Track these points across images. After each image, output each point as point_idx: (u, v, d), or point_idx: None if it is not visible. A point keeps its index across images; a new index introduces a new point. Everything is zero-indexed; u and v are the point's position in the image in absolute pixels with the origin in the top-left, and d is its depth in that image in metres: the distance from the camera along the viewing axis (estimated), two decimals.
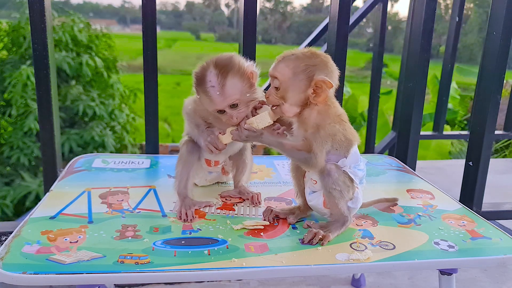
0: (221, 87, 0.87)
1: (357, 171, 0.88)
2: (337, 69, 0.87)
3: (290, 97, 0.84)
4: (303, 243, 0.83)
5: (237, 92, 0.88)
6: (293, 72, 0.83)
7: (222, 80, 0.87)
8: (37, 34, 1.24)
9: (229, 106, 0.89)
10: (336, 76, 0.86)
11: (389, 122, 4.32)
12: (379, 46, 2.17)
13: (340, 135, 0.86)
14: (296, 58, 0.83)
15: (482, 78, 1.42)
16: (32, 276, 0.68)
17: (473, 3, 17.20)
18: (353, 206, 0.89)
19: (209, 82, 0.87)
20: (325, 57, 0.85)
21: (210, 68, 0.88)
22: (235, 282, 1.30)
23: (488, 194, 1.51)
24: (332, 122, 0.85)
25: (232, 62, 0.89)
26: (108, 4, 37.48)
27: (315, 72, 0.82)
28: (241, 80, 0.89)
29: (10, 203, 4.83)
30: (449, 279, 0.87)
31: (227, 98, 0.88)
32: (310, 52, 0.84)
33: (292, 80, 0.83)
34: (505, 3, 1.33)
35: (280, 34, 32.09)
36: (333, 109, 0.86)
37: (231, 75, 0.87)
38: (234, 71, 0.88)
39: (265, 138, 0.87)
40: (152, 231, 0.85)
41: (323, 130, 0.84)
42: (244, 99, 0.90)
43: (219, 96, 0.87)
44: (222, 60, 0.89)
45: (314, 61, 0.83)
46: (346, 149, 0.87)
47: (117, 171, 1.16)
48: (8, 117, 5.31)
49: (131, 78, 6.98)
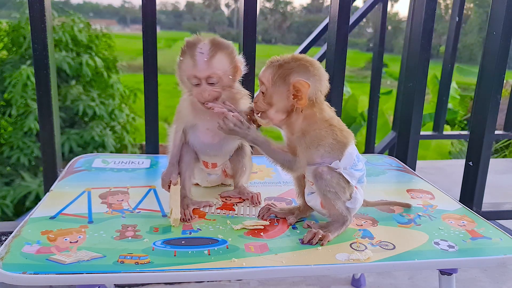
0: (209, 56, 0.88)
1: (353, 171, 0.88)
2: (324, 73, 0.86)
3: (275, 103, 0.84)
4: (303, 243, 0.83)
5: (221, 68, 0.90)
6: (274, 78, 0.83)
7: (212, 52, 0.88)
8: (37, 34, 1.24)
9: (207, 79, 0.89)
10: (322, 79, 0.85)
11: (389, 122, 4.32)
12: (379, 46, 2.17)
13: (329, 139, 0.85)
14: (279, 65, 0.84)
15: (482, 78, 1.42)
16: (32, 276, 0.68)
17: (473, 3, 17.20)
18: (351, 206, 0.89)
19: (200, 49, 0.88)
20: (307, 61, 0.85)
21: (205, 40, 0.89)
22: (235, 282, 1.30)
23: (488, 194, 1.51)
24: (318, 128, 0.85)
25: (227, 45, 0.91)
26: (108, 4, 37.46)
27: (291, 75, 0.82)
28: (229, 62, 0.91)
29: (10, 203, 4.83)
30: (449, 279, 0.87)
31: (210, 68, 0.88)
32: (292, 57, 0.84)
33: (273, 86, 0.84)
34: (505, 3, 1.33)
35: (280, 34, 32.08)
36: (320, 114, 0.86)
37: (221, 52, 0.89)
38: (226, 51, 0.90)
39: (251, 133, 0.86)
40: (152, 231, 0.85)
41: (309, 136, 0.85)
42: (223, 80, 0.91)
43: (204, 63, 0.88)
44: (218, 39, 0.91)
45: (292, 65, 0.83)
46: (340, 151, 0.86)
47: (117, 171, 1.16)
48: (8, 117, 5.31)
49: (131, 78, 6.98)
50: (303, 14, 35.51)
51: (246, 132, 0.86)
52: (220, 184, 1.11)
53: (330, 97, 1.38)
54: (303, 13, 36.06)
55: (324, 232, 0.84)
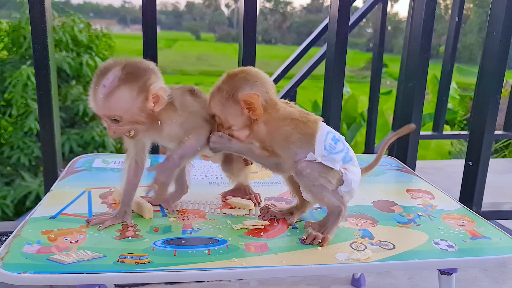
0: (108, 92, 0.75)
1: (333, 156, 0.85)
2: (262, 75, 0.86)
3: (233, 124, 0.85)
4: (303, 242, 0.83)
5: (121, 107, 0.77)
6: (221, 104, 0.84)
7: (114, 86, 0.75)
8: (37, 34, 1.24)
9: (109, 118, 0.78)
10: (263, 82, 0.85)
11: (389, 122, 4.32)
12: (379, 46, 2.17)
13: (295, 134, 0.85)
14: (219, 90, 0.84)
15: (482, 78, 1.43)
16: (32, 276, 0.68)
17: (473, 3, 17.20)
18: (347, 189, 0.86)
19: (106, 79, 0.76)
20: (243, 72, 0.85)
21: (118, 68, 0.77)
22: (235, 282, 1.30)
23: (488, 194, 1.51)
24: (281, 126, 0.85)
25: (140, 74, 0.78)
26: (108, 4, 37.49)
27: (237, 92, 0.83)
28: (134, 97, 0.77)
29: (10, 203, 4.84)
30: (449, 279, 0.87)
31: (107, 108, 0.77)
32: (227, 77, 0.85)
33: (225, 110, 0.84)
34: (505, 3, 1.33)
35: (280, 34, 32.08)
36: (276, 114, 0.86)
37: (126, 86, 0.76)
38: (133, 85, 0.77)
39: (234, 145, 0.86)
40: (152, 231, 0.85)
41: (277, 136, 0.85)
42: (130, 118, 0.79)
43: (100, 101, 0.76)
44: (134, 65, 0.79)
45: (232, 83, 0.83)
46: (310, 143, 0.85)
47: (117, 171, 1.16)
48: (8, 117, 5.32)
49: None
50: (303, 14, 35.52)
51: (229, 145, 0.86)
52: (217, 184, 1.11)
53: (330, 97, 1.39)
54: (303, 13, 36.08)
55: (323, 234, 0.83)
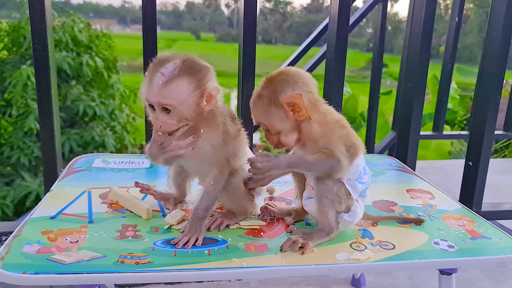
0: (168, 80, 0.75)
1: (357, 184, 0.86)
2: (302, 74, 0.83)
3: (280, 129, 0.82)
4: (281, 250, 0.80)
5: (177, 98, 0.76)
6: (264, 111, 0.82)
7: (174, 75, 0.75)
8: (37, 34, 1.24)
9: (161, 107, 0.77)
10: (305, 82, 0.82)
11: (389, 122, 4.32)
12: (379, 46, 2.17)
13: (347, 140, 0.83)
14: (259, 97, 0.82)
15: (482, 78, 1.43)
16: (32, 276, 0.68)
17: (473, 3, 17.20)
18: (349, 219, 0.87)
19: (164, 69, 0.76)
20: (282, 74, 0.82)
21: (177, 59, 0.77)
22: (235, 282, 1.30)
23: (488, 194, 1.51)
24: (337, 128, 0.83)
25: (198, 70, 0.78)
26: (108, 4, 37.48)
27: (279, 96, 0.80)
28: (192, 91, 0.77)
29: (10, 203, 4.84)
30: (449, 279, 0.87)
31: (163, 96, 0.76)
32: (266, 81, 0.82)
33: (269, 117, 0.82)
34: (505, 3, 1.33)
35: (280, 34, 32.08)
36: (330, 116, 0.84)
37: (185, 77, 0.76)
38: (193, 77, 0.77)
39: (283, 160, 0.81)
40: (153, 231, 0.85)
41: (333, 136, 0.82)
42: (181, 112, 0.77)
43: (158, 87, 0.75)
44: (193, 61, 0.79)
45: (273, 88, 0.81)
46: (352, 157, 0.84)
47: (117, 171, 1.16)
48: (8, 117, 5.32)
49: (131, 78, 6.99)
50: (303, 14, 35.52)
51: (277, 161, 0.80)
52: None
53: (330, 97, 1.39)
54: (303, 13, 36.08)
55: (304, 240, 0.81)
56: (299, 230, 0.87)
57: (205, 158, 0.85)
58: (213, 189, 0.86)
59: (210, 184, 0.86)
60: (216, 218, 0.89)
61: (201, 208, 0.85)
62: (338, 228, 0.86)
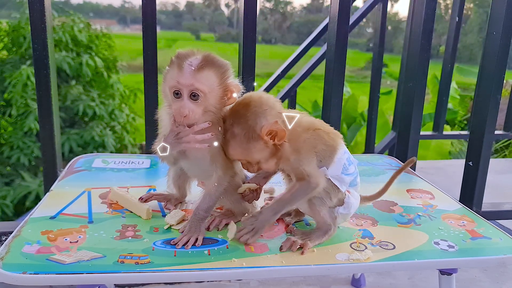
0: (197, 68, 0.78)
1: (343, 176, 0.85)
2: (267, 97, 0.83)
3: (260, 158, 0.82)
4: (281, 250, 0.80)
5: (207, 83, 0.79)
6: (244, 148, 0.81)
7: (202, 66, 0.78)
8: (37, 34, 1.24)
9: (190, 92, 0.79)
10: (273, 106, 0.82)
11: (389, 122, 4.31)
12: (379, 46, 2.17)
13: (320, 145, 0.84)
14: (234, 136, 0.81)
15: (482, 78, 1.43)
16: (32, 276, 0.68)
17: (473, 3, 17.20)
18: (345, 211, 0.87)
19: (189, 61, 0.78)
20: (247, 106, 0.81)
21: (199, 55, 0.80)
22: (235, 282, 1.30)
23: (488, 194, 1.51)
24: (305, 138, 0.83)
25: (221, 64, 0.82)
26: (108, 4, 37.47)
27: (256, 130, 0.79)
28: (217, 82, 0.80)
29: (10, 203, 4.83)
30: (449, 279, 0.87)
31: (195, 79, 0.78)
32: (234, 118, 0.81)
33: (250, 152, 0.81)
34: (505, 3, 1.33)
35: (280, 34, 32.08)
36: (299, 127, 0.83)
37: (211, 68, 0.79)
38: (218, 70, 0.80)
39: (266, 214, 0.82)
40: (152, 231, 0.85)
41: (302, 149, 0.82)
42: (208, 99, 0.80)
43: (190, 72, 0.78)
44: (214, 56, 0.82)
45: (246, 124, 0.80)
46: (330, 158, 0.84)
47: (117, 171, 1.16)
48: (8, 117, 5.32)
49: (131, 78, 6.98)
50: (303, 14, 35.52)
51: (264, 217, 0.82)
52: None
53: (330, 97, 1.39)
54: (303, 13, 36.08)
55: (303, 241, 0.82)
56: (299, 230, 0.87)
57: (212, 158, 0.85)
58: (215, 190, 0.86)
59: (214, 186, 0.86)
60: (215, 218, 0.89)
61: (202, 208, 0.85)
62: (336, 223, 0.87)
